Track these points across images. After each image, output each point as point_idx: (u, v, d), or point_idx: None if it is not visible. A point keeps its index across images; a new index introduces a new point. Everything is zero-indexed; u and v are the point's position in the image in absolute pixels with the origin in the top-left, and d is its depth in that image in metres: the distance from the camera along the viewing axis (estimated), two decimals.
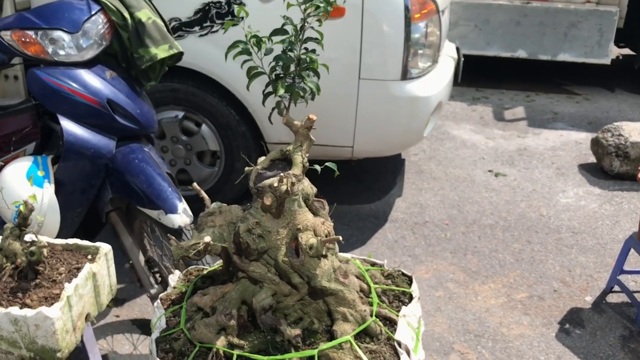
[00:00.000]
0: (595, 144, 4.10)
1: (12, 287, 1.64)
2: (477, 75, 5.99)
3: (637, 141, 3.86)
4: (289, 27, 1.49)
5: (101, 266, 1.77)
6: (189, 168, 3.41)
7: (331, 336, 1.46)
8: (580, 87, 5.93)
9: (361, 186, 3.86)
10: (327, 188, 3.80)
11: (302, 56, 1.48)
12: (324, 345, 1.41)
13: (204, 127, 3.31)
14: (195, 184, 1.60)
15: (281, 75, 1.51)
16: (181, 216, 2.05)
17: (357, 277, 1.62)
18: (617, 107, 5.37)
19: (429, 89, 3.16)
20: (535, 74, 6.29)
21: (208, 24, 3.06)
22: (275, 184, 1.40)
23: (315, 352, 1.40)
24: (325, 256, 1.46)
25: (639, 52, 5.74)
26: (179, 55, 2.32)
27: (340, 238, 1.39)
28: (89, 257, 1.81)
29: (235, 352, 1.41)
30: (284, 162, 1.52)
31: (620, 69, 6.22)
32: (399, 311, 1.60)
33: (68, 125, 2.09)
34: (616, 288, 2.86)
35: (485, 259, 3.12)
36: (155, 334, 1.53)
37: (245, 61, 1.55)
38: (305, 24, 1.47)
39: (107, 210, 2.25)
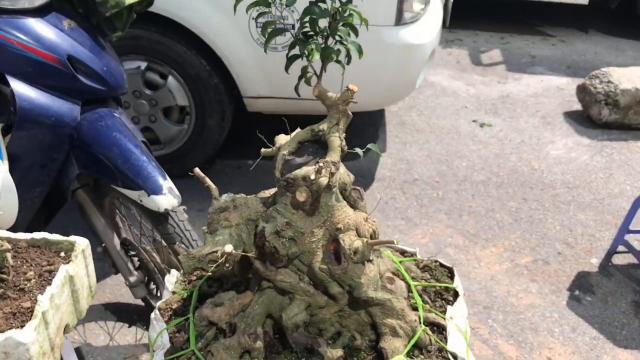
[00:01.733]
0: (582, 91, 3.92)
1: None
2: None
3: (627, 88, 3.69)
4: None
5: (79, 266, 1.45)
6: (154, 126, 3.03)
7: (378, 354, 1.21)
8: (553, 28, 5.72)
9: None
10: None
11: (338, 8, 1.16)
12: None
13: (170, 79, 2.92)
14: (197, 170, 1.29)
15: (310, 33, 1.19)
16: (167, 197, 1.73)
17: (393, 274, 1.36)
18: (593, 49, 5.20)
19: (423, 35, 2.86)
20: (507, 14, 6.03)
21: None
22: (312, 176, 1.10)
23: None
24: (370, 260, 1.19)
25: None
26: None
27: (395, 242, 1.12)
28: (62, 254, 1.48)
29: None
30: (315, 144, 1.22)
31: (593, 10, 6.02)
32: (443, 312, 1.36)
33: (20, 88, 1.71)
34: (621, 248, 2.72)
35: (483, 219, 2.92)
36: (159, 356, 1.24)
37: (261, 13, 1.23)
38: None
39: (73, 188, 1.90)
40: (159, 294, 1.98)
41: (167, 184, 1.75)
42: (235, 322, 1.22)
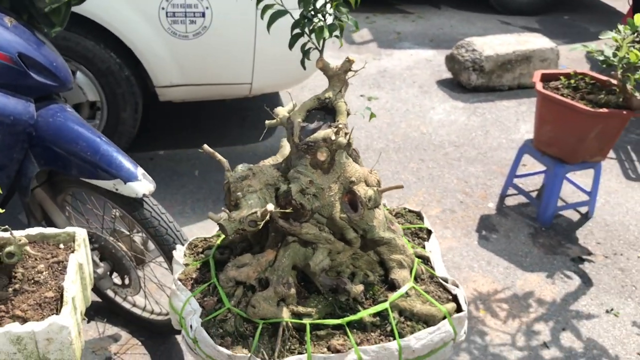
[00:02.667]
0: (451, 60, 4.38)
1: None
2: None
3: (490, 55, 4.19)
4: None
5: (83, 255, 1.50)
6: None
7: (390, 286, 1.41)
8: (411, 6, 6.21)
9: (247, 125, 3.71)
10: (213, 133, 3.59)
11: None
12: (392, 297, 1.37)
13: (79, 75, 2.87)
14: (206, 146, 1.40)
15: (310, 14, 1.35)
16: (143, 183, 1.79)
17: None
18: (448, 23, 5.74)
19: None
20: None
21: None
22: (333, 137, 1.27)
23: (387, 305, 1.35)
24: (376, 207, 1.39)
25: None
26: None
27: (403, 185, 1.33)
28: (61, 246, 1.52)
29: (307, 321, 1.31)
30: (321, 110, 1.39)
31: None
32: (423, 248, 1.60)
33: None
34: (511, 191, 3.16)
35: (390, 181, 3.23)
36: (193, 320, 1.35)
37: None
38: None
39: (32, 187, 1.88)
40: (126, 282, 2.02)
41: (139, 170, 1.81)
42: (265, 277, 1.36)
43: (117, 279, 2.06)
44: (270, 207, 1.24)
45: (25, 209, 1.97)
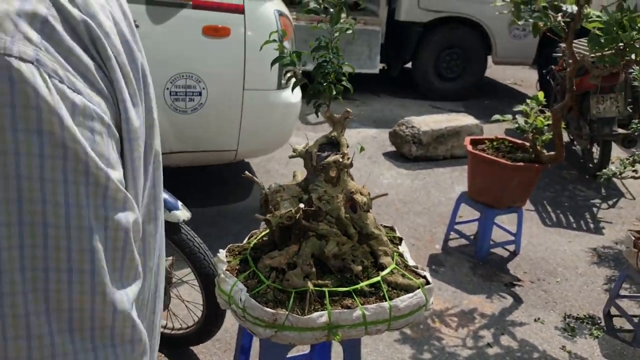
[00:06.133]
0: (394, 135, 5.14)
1: None
2: None
3: (426, 130, 4.98)
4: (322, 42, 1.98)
5: None
6: None
7: (379, 268, 1.99)
8: (354, 94, 7.06)
9: (228, 187, 4.27)
10: (198, 194, 4.13)
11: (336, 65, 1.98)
12: (382, 273, 1.95)
13: None
14: (247, 172, 1.98)
15: (321, 82, 1.99)
16: (182, 211, 2.32)
17: None
18: (387, 107, 6.60)
19: (296, 95, 3.76)
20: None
21: None
22: (341, 160, 1.88)
23: (379, 278, 1.92)
24: (368, 210, 1.98)
25: (393, 65, 7.12)
26: None
27: (387, 194, 1.94)
28: None
29: (325, 289, 1.86)
30: (328, 145, 2.00)
31: (381, 77, 7.52)
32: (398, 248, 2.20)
33: None
34: (453, 235, 3.82)
35: None
36: (244, 294, 1.87)
37: (287, 71, 1.99)
38: (334, 42, 1.98)
39: None
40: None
41: (177, 201, 2.34)
42: (293, 262, 1.91)
43: None
44: (302, 205, 1.82)
45: None
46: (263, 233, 2.14)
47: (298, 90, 3.86)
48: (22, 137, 0.48)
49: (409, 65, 7.20)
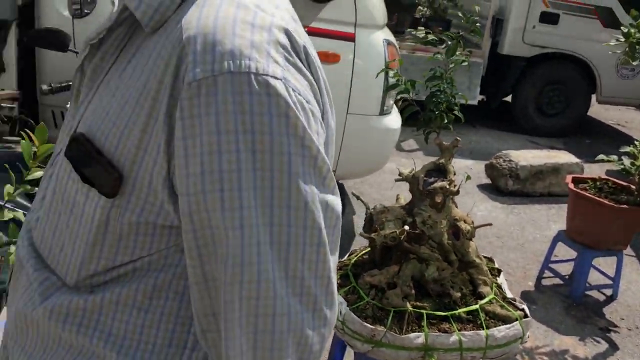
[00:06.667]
0: (491, 168, 5.10)
1: None
2: None
3: (524, 165, 4.92)
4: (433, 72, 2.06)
5: None
6: None
7: (478, 296, 2.02)
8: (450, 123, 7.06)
9: None
10: None
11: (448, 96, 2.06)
12: (481, 302, 1.97)
13: None
14: (353, 192, 2.07)
15: (434, 110, 2.06)
16: None
17: None
18: (484, 139, 6.55)
19: (395, 122, 3.84)
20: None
21: None
22: (447, 186, 1.94)
23: (477, 306, 1.95)
24: (471, 239, 2.02)
25: (492, 97, 7.07)
26: None
27: (492, 224, 1.97)
28: None
29: (424, 311, 1.91)
30: (435, 171, 2.07)
31: (479, 108, 7.48)
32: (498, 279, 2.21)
33: None
34: (547, 274, 3.74)
35: None
36: (344, 307, 1.95)
37: (402, 98, 2.08)
38: (449, 73, 2.05)
39: None
40: None
41: None
42: (393, 282, 1.98)
43: None
44: (406, 227, 1.89)
45: None
46: (364, 251, 2.22)
47: (398, 116, 3.94)
48: (277, 139, 0.63)
49: (509, 98, 7.12)
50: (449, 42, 2.07)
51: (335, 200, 0.69)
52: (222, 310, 0.66)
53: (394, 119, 3.82)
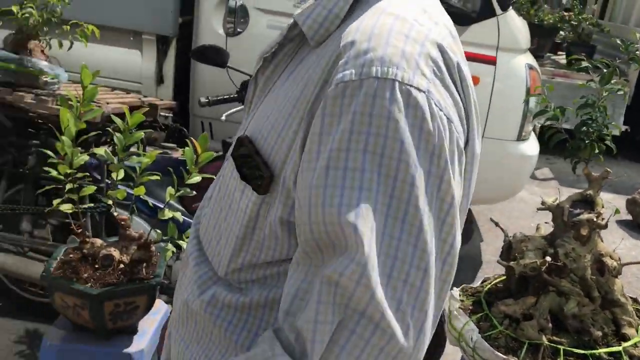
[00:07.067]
0: (633, 204, 4.79)
1: None
2: None
3: None
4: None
5: None
6: None
7: (621, 338, 1.90)
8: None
9: None
10: None
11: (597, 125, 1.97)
12: (624, 344, 1.86)
13: None
14: (492, 217, 2.03)
15: (584, 139, 1.99)
16: None
17: None
18: (624, 172, 6.15)
19: (533, 148, 3.72)
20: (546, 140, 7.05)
21: None
22: (595, 219, 1.86)
23: (620, 348, 1.84)
24: (617, 276, 1.92)
25: (638, 128, 6.63)
26: None
27: None
28: None
29: (561, 347, 1.83)
30: (581, 202, 1.99)
31: (621, 139, 7.05)
32: None
33: None
34: None
35: None
36: (476, 334, 1.92)
37: (550, 126, 2.03)
38: (601, 102, 1.97)
39: None
40: None
41: None
42: (528, 313, 1.92)
43: None
44: (548, 259, 1.83)
45: None
46: (498, 279, 2.18)
47: (536, 143, 3.82)
48: (406, 148, 0.63)
49: None
50: (604, 70, 1.99)
51: (452, 234, 0.67)
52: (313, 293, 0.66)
53: (531, 146, 3.70)
